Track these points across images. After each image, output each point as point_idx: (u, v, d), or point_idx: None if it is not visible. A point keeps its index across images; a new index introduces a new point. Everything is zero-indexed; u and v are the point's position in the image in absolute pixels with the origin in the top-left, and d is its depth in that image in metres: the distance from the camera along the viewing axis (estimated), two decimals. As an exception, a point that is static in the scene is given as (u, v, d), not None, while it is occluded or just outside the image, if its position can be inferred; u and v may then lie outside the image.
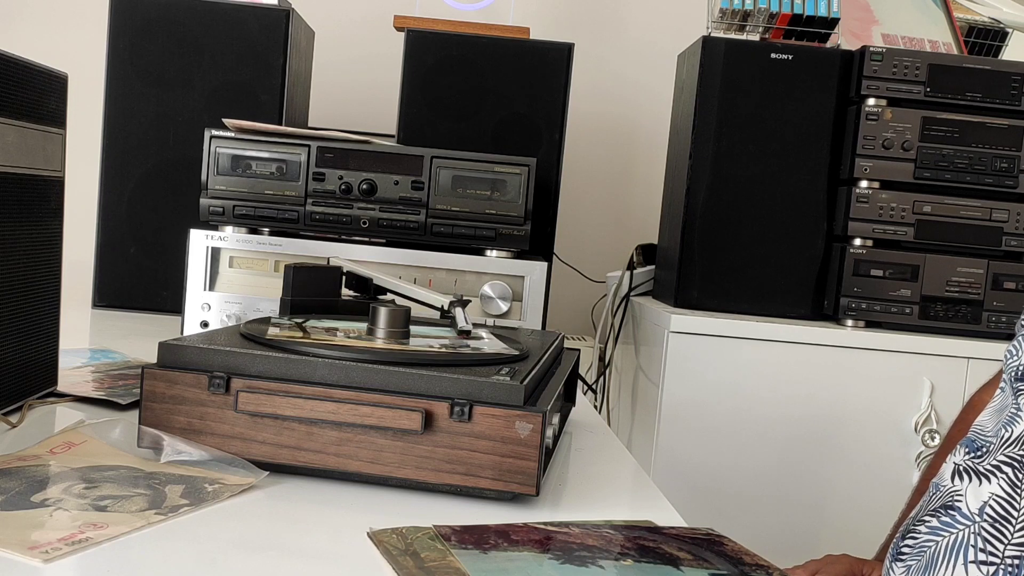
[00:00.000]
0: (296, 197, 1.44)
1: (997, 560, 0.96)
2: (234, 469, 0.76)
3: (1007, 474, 0.98)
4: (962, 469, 1.03)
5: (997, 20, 2.13)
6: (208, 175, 1.43)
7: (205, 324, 1.41)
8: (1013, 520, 0.96)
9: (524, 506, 0.78)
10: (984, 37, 2.13)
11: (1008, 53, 2.13)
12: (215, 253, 1.42)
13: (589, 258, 2.41)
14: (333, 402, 0.76)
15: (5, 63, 0.85)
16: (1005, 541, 0.96)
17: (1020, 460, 0.98)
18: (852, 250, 1.81)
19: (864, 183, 1.80)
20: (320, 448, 0.77)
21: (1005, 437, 1.00)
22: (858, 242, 1.81)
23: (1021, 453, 0.98)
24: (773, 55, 1.82)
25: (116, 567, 0.59)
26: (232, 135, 1.43)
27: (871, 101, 1.80)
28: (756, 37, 1.91)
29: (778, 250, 1.85)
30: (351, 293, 1.14)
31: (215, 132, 1.44)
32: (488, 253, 1.47)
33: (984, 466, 1.01)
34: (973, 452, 1.04)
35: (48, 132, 0.93)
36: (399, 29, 1.84)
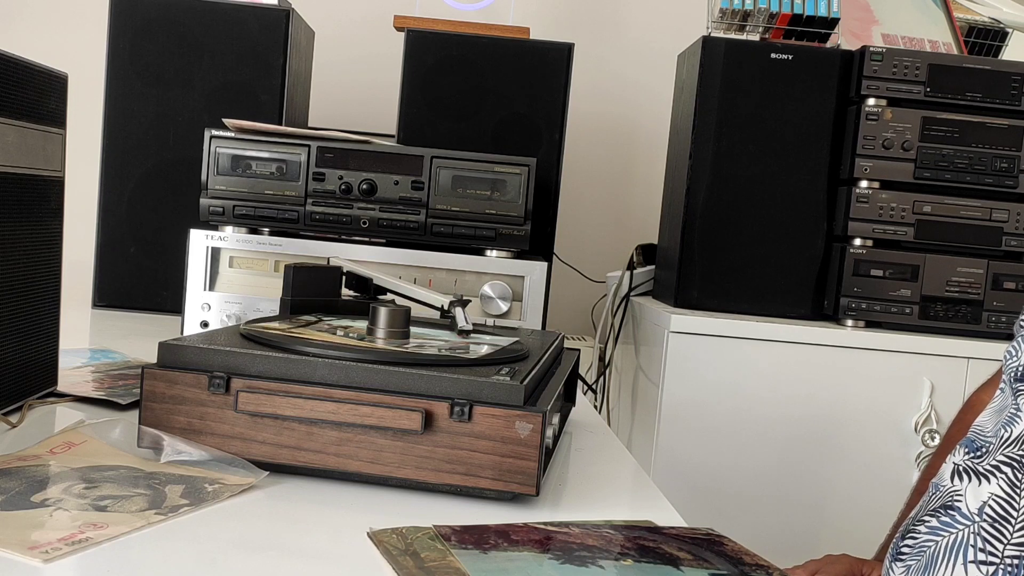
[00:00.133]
0: (296, 197, 1.44)
1: (996, 560, 0.96)
2: (234, 469, 0.76)
3: (1006, 474, 0.98)
4: (962, 469, 1.03)
5: (997, 20, 2.13)
6: (208, 175, 1.43)
7: (205, 324, 1.41)
8: (1012, 520, 0.96)
9: (524, 506, 0.78)
10: (984, 37, 2.13)
11: (1008, 53, 2.13)
12: (215, 253, 1.42)
13: (589, 258, 2.41)
14: (333, 402, 0.76)
15: (5, 63, 0.85)
16: (1004, 541, 0.96)
17: (1019, 460, 0.98)
18: (852, 250, 1.81)
19: (864, 183, 1.80)
20: (320, 448, 0.77)
21: (1004, 437, 1.00)
22: (858, 242, 1.81)
23: (1020, 453, 0.98)
24: (773, 55, 1.82)
25: (116, 567, 0.59)
26: (232, 135, 1.44)
27: (871, 101, 1.80)
28: (756, 37, 1.91)
29: (778, 250, 1.85)
30: (351, 293, 1.14)
31: (215, 132, 1.44)
32: (488, 253, 1.47)
33: (984, 466, 1.01)
34: (973, 452, 1.04)
35: (48, 132, 0.93)
36: (399, 29, 1.84)
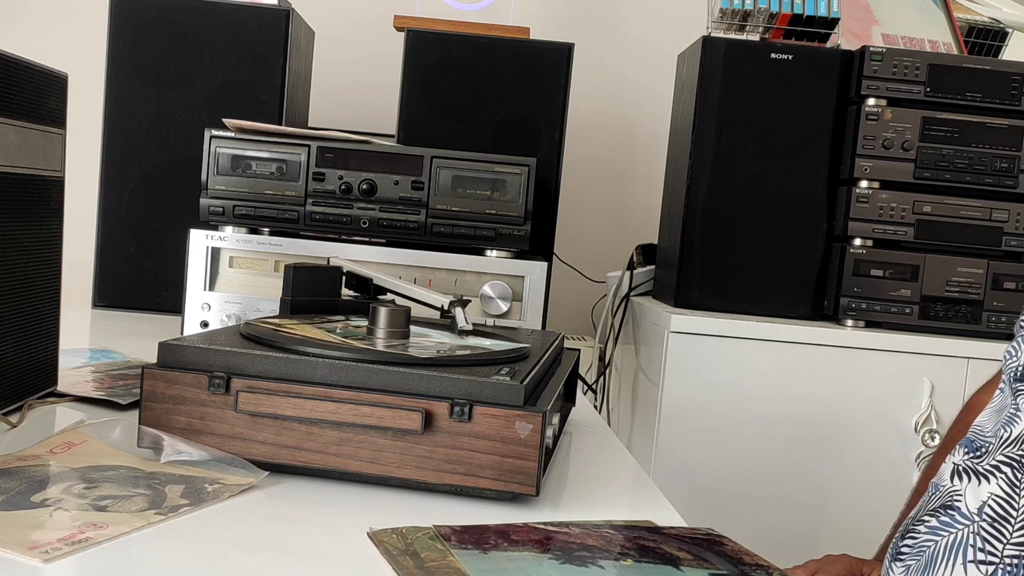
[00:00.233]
0: (296, 197, 1.44)
1: (996, 560, 0.96)
2: (234, 469, 0.76)
3: (1006, 474, 0.98)
4: (961, 469, 1.03)
5: (997, 20, 2.13)
6: (208, 175, 1.43)
7: (205, 324, 1.42)
8: (1012, 520, 0.96)
9: (524, 506, 0.78)
10: (984, 37, 2.13)
11: (1008, 53, 2.13)
12: (215, 253, 1.42)
13: (589, 258, 2.41)
14: (333, 402, 0.76)
15: (5, 63, 0.85)
16: (1004, 541, 0.96)
17: (1019, 460, 0.98)
18: (852, 250, 1.81)
19: (864, 183, 1.80)
20: (320, 448, 0.77)
21: (1004, 437, 1.00)
22: (858, 242, 1.81)
23: (1020, 453, 0.98)
24: (773, 55, 1.82)
25: (116, 567, 0.59)
26: (232, 135, 1.44)
27: (871, 101, 1.80)
28: (756, 37, 1.91)
29: (778, 250, 1.85)
30: (351, 293, 1.14)
31: (215, 132, 1.44)
32: (488, 253, 1.47)
33: (983, 466, 1.01)
34: (972, 452, 1.04)
35: (48, 132, 0.93)
36: (399, 29, 1.84)
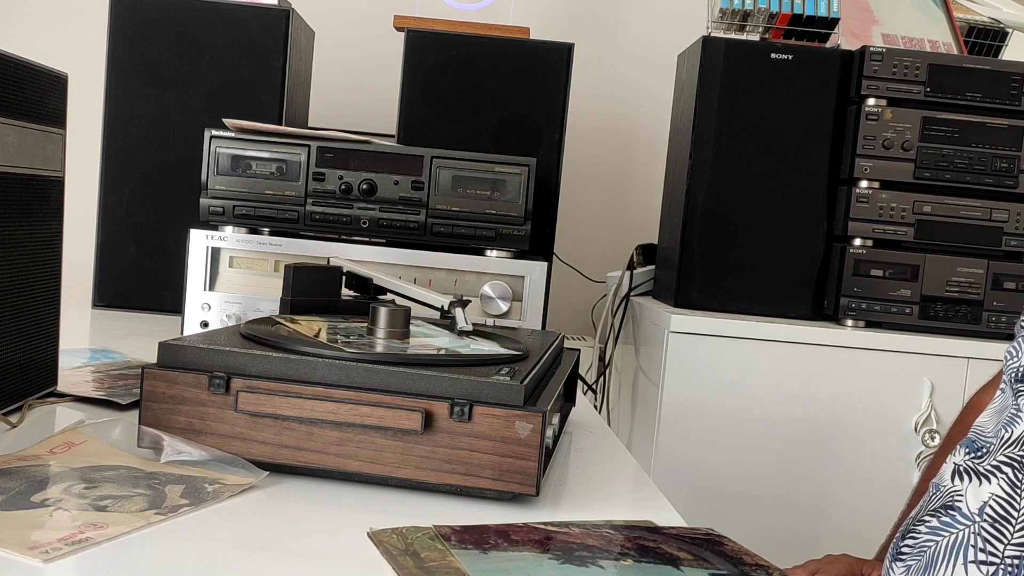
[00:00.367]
0: (296, 197, 1.44)
1: (997, 560, 0.96)
2: (234, 469, 0.76)
3: (1007, 474, 0.98)
4: (962, 469, 1.03)
5: (997, 20, 2.13)
6: (208, 175, 1.43)
7: (205, 324, 1.41)
8: (1013, 520, 0.96)
9: (524, 506, 0.78)
10: (984, 37, 2.13)
11: (1008, 53, 2.13)
12: (215, 253, 1.42)
13: (589, 258, 2.41)
14: (333, 402, 0.76)
15: (5, 63, 0.85)
16: (1005, 541, 0.96)
17: (1020, 461, 0.98)
18: (852, 250, 1.81)
19: (864, 183, 1.80)
20: (320, 448, 0.77)
21: (1005, 438, 1.00)
22: (858, 242, 1.81)
23: (1021, 454, 0.98)
24: (773, 55, 1.82)
25: (116, 567, 0.59)
26: (232, 135, 1.43)
27: (871, 101, 1.80)
28: (756, 37, 1.91)
29: (778, 250, 1.85)
30: (351, 293, 1.14)
31: (215, 132, 1.44)
32: (488, 253, 1.47)
33: (984, 466, 1.01)
34: (973, 452, 1.04)
35: (48, 132, 0.93)
36: (399, 29, 1.84)
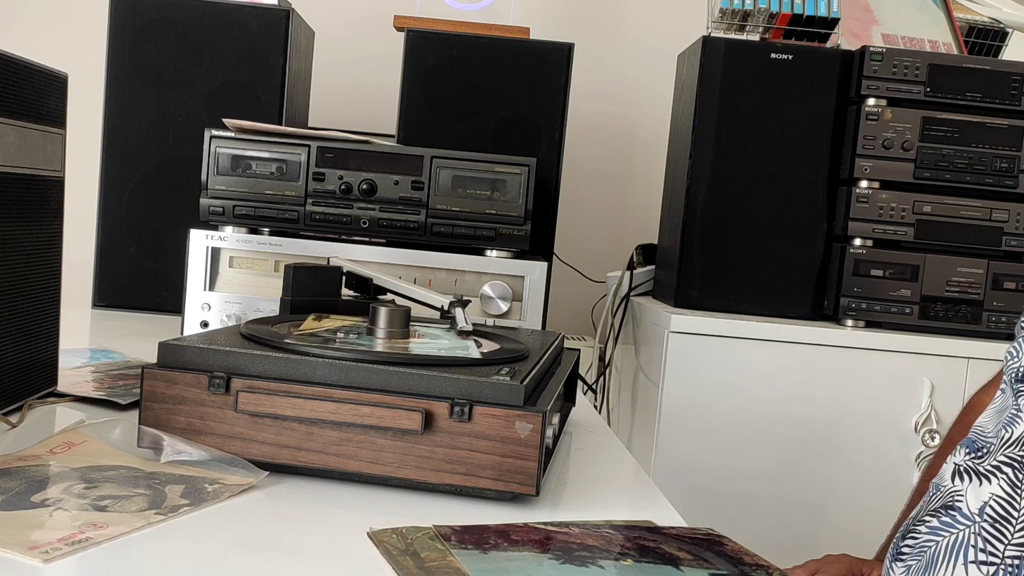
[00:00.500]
0: (296, 197, 1.44)
1: (997, 560, 0.96)
2: (234, 469, 0.76)
3: (1007, 475, 0.98)
4: (962, 469, 1.03)
5: (997, 20, 2.13)
6: (208, 175, 1.43)
7: (205, 324, 1.41)
8: (1013, 520, 0.96)
9: (524, 506, 0.78)
10: (984, 37, 2.13)
11: (1008, 53, 2.13)
12: (215, 253, 1.42)
13: (589, 258, 2.41)
14: (333, 402, 0.76)
15: (5, 63, 0.85)
16: (1005, 541, 0.96)
17: (1020, 461, 0.98)
18: (852, 250, 1.81)
19: (864, 183, 1.80)
20: (320, 448, 0.77)
21: (1005, 438, 1.00)
22: (858, 242, 1.81)
23: (1021, 454, 0.98)
24: (773, 55, 1.82)
25: (116, 567, 0.59)
26: (232, 135, 1.43)
27: (871, 101, 1.80)
28: (756, 37, 1.91)
29: (778, 250, 1.85)
30: (351, 293, 1.14)
31: (215, 132, 1.44)
32: (488, 253, 1.47)
33: (984, 467, 1.01)
34: (973, 453, 1.04)
35: (48, 132, 0.93)
36: (399, 29, 1.84)
